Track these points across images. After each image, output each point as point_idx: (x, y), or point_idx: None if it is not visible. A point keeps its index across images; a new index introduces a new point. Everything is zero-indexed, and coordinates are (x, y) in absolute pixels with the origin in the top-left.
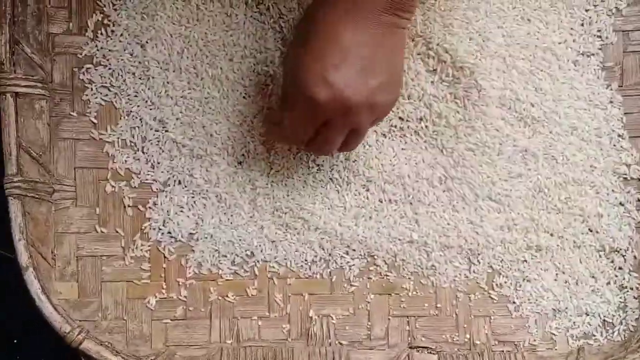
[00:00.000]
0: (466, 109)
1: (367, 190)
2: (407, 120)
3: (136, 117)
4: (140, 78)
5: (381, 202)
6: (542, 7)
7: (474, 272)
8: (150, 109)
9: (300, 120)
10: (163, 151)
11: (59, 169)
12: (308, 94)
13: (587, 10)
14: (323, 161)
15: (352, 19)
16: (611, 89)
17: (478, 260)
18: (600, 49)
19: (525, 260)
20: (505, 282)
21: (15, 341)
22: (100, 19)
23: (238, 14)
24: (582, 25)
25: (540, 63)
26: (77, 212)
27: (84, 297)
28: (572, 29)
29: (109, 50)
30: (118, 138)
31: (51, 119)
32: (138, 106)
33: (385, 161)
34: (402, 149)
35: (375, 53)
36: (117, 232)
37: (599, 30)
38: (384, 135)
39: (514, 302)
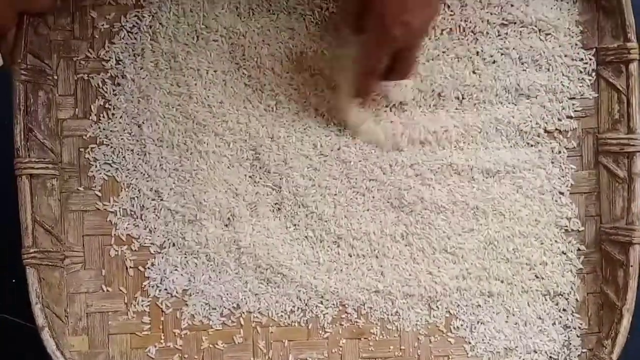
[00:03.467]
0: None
1: (338, 246)
2: (373, 181)
3: (135, 189)
4: (138, 154)
5: (350, 256)
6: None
7: (433, 316)
8: (147, 181)
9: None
10: (159, 218)
11: (69, 237)
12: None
13: None
14: (299, 221)
15: None
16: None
17: (437, 306)
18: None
19: (479, 305)
20: (462, 325)
21: None
22: (102, 103)
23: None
24: None
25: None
26: (86, 275)
27: (94, 349)
28: None
29: (110, 131)
30: (120, 208)
31: (61, 195)
32: (137, 179)
33: (353, 220)
34: (368, 209)
35: None
36: (120, 290)
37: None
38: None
39: (469, 343)
